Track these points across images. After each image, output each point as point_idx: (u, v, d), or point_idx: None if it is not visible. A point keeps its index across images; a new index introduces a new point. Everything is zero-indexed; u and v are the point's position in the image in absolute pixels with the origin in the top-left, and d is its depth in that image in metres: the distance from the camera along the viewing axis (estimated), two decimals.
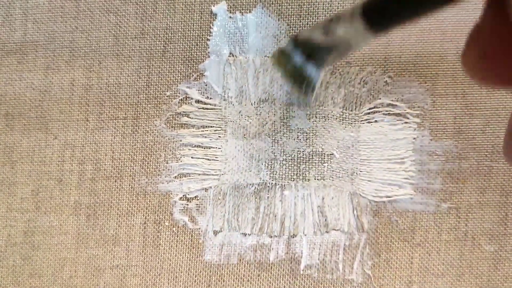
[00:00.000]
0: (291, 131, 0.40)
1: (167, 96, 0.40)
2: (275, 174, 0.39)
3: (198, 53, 0.40)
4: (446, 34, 0.39)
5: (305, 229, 0.39)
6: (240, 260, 0.39)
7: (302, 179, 0.39)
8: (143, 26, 0.40)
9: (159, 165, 0.40)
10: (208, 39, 0.40)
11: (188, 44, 0.40)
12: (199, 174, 0.40)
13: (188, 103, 0.40)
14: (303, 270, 0.39)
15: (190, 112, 0.40)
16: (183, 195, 0.39)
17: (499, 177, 0.39)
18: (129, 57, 0.40)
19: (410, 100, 0.39)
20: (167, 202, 0.39)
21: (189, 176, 0.40)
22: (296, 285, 0.39)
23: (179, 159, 0.40)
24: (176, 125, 0.40)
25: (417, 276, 0.39)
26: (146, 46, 0.40)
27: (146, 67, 0.40)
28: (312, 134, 0.39)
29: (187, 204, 0.39)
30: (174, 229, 0.39)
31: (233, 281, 0.39)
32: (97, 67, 0.40)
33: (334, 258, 0.39)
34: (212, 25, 0.40)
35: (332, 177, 0.39)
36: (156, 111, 0.40)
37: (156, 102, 0.40)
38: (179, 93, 0.40)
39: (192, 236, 0.39)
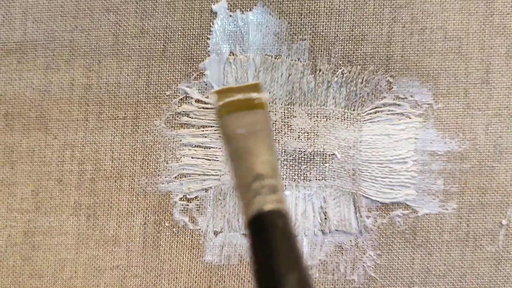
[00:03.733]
0: (292, 131, 0.39)
1: (167, 96, 0.40)
2: None
3: (198, 52, 0.40)
4: (448, 33, 0.39)
5: (306, 229, 0.39)
6: (241, 261, 0.39)
7: (303, 179, 0.39)
8: (142, 25, 0.40)
9: (159, 165, 0.39)
10: (208, 38, 0.39)
11: (188, 43, 0.40)
12: (199, 175, 0.39)
13: (188, 102, 0.40)
14: None
15: (190, 111, 0.39)
16: (183, 196, 0.39)
17: (501, 177, 0.38)
18: (128, 56, 0.40)
19: (412, 99, 0.39)
20: (167, 202, 0.39)
21: (189, 176, 0.39)
22: None
23: (179, 159, 0.39)
24: (176, 125, 0.40)
25: (419, 277, 0.39)
26: (145, 45, 0.40)
27: (146, 66, 0.40)
28: (313, 134, 0.39)
29: (187, 205, 0.39)
30: (174, 229, 0.39)
31: (234, 282, 0.39)
32: (97, 67, 0.40)
33: (335, 259, 0.39)
34: (212, 23, 0.39)
35: (334, 178, 0.39)
36: (156, 110, 0.40)
37: (156, 101, 0.40)
38: (179, 93, 0.40)
39: (192, 236, 0.39)
